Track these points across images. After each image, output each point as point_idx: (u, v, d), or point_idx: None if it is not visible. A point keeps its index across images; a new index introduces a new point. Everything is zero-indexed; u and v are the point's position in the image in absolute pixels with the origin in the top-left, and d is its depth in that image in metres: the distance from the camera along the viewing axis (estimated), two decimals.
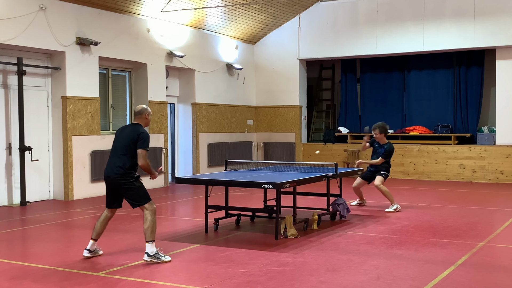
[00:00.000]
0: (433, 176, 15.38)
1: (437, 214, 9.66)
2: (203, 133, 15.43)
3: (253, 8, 15.01)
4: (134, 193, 6.46)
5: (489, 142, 15.03)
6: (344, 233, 8.03)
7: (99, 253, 6.71)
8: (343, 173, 9.06)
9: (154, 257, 6.32)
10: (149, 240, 6.35)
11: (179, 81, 15.36)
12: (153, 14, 13.46)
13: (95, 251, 6.67)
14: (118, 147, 6.58)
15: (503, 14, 14.36)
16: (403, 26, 15.51)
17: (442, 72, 16.41)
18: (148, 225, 6.36)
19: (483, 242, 7.40)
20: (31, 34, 10.80)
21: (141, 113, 6.72)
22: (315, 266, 6.20)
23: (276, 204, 7.61)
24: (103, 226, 6.67)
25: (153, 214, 6.44)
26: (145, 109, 6.74)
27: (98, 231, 6.63)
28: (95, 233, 6.62)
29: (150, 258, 6.31)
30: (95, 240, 6.63)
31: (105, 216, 6.68)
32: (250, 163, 12.10)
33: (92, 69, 12.17)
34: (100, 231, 6.65)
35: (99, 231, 6.64)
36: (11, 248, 7.51)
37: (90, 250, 6.60)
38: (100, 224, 6.64)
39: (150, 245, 6.35)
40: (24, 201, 10.90)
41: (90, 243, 6.61)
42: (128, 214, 9.77)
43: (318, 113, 18.66)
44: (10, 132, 11.09)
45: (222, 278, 5.74)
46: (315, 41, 16.69)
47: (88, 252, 6.58)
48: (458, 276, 5.82)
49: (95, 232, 6.62)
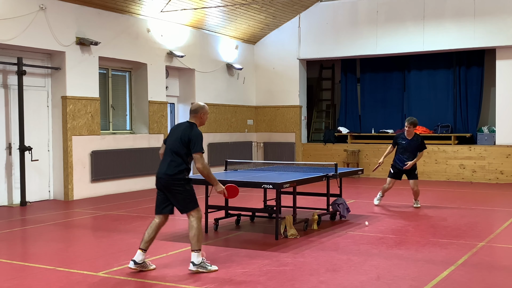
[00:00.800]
0: (433, 176, 15.38)
1: (437, 214, 9.66)
2: (203, 133, 15.37)
3: (253, 8, 15.01)
4: (183, 197, 5.94)
5: (489, 142, 15.03)
6: (344, 233, 8.02)
7: (150, 268, 6.01)
8: (343, 173, 9.06)
9: (200, 266, 5.91)
10: (195, 249, 5.92)
11: (179, 81, 15.36)
12: (153, 14, 13.46)
13: (143, 264, 5.98)
14: (168, 147, 6.07)
15: (503, 14, 14.36)
16: (403, 26, 15.51)
17: (442, 72, 16.41)
18: (194, 233, 5.91)
19: (483, 242, 7.40)
20: (31, 34, 10.80)
21: (197, 112, 6.16)
22: (315, 266, 6.20)
23: (276, 204, 7.61)
24: (154, 233, 6.03)
25: (199, 221, 5.98)
26: (201, 107, 6.18)
27: (146, 239, 6.00)
28: (143, 242, 6.00)
29: (196, 268, 5.89)
30: (145, 250, 5.98)
31: (156, 223, 6.05)
32: (250, 163, 12.10)
33: (92, 69, 12.17)
34: (148, 239, 5.99)
35: (147, 239, 6.00)
36: (11, 248, 7.51)
37: (137, 262, 5.94)
38: (152, 231, 6.01)
39: (197, 254, 5.92)
40: (24, 201, 10.90)
41: (137, 254, 5.97)
42: (128, 214, 9.77)
43: (318, 113, 18.66)
44: (10, 132, 11.09)
45: (222, 278, 5.73)
46: (315, 41, 16.69)
47: (134, 264, 5.94)
48: (458, 276, 5.82)
49: (143, 241, 6.00)
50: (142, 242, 5.99)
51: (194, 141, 5.94)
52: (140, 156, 13.12)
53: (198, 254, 5.94)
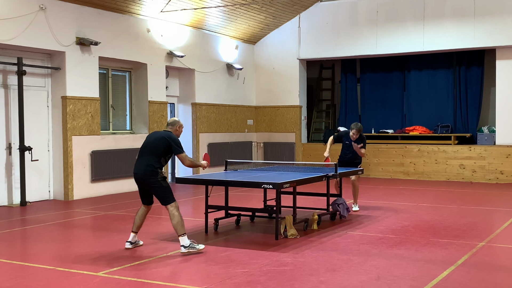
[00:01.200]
0: (433, 176, 15.38)
1: (437, 214, 9.66)
2: (203, 133, 15.44)
3: (253, 8, 15.01)
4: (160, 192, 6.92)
5: (489, 142, 15.03)
6: (344, 233, 8.02)
7: (139, 244, 7.21)
8: (343, 173, 9.06)
9: (190, 247, 6.72)
10: (181, 234, 6.76)
11: (179, 81, 15.36)
12: (153, 14, 13.46)
13: (136, 243, 7.17)
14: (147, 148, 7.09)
15: (503, 14, 14.36)
16: (403, 26, 15.51)
17: (442, 72, 16.41)
18: (176, 220, 6.79)
19: (483, 242, 7.40)
20: (31, 34, 10.80)
21: (174, 125, 7.20)
22: (315, 266, 6.20)
23: (276, 204, 7.60)
24: (141, 219, 7.16)
25: (177, 209, 6.88)
26: (177, 121, 7.26)
27: (137, 224, 7.13)
28: (135, 226, 7.13)
29: (186, 249, 6.71)
30: (136, 232, 7.14)
31: (142, 211, 7.20)
32: (250, 163, 12.10)
33: (92, 69, 12.17)
34: (139, 224, 7.14)
35: (138, 224, 7.14)
36: (11, 248, 7.51)
37: (131, 242, 7.10)
38: (139, 218, 7.14)
39: (183, 237, 6.76)
40: (24, 201, 10.90)
41: (131, 236, 7.13)
42: (128, 214, 9.77)
43: (318, 113, 18.66)
44: (10, 132, 11.09)
45: (222, 278, 5.73)
46: (315, 41, 16.69)
47: (130, 244, 7.09)
48: (458, 276, 5.82)
49: (135, 225, 7.13)
50: (134, 226, 7.14)
51: (176, 144, 6.97)
52: None
53: (185, 237, 6.76)
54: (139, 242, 7.25)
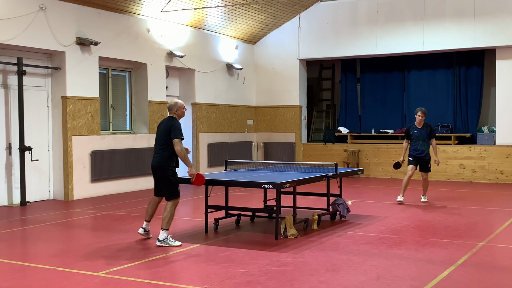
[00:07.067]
0: (433, 176, 15.34)
1: (437, 214, 9.66)
2: (203, 133, 15.44)
3: (253, 8, 15.01)
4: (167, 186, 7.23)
5: (489, 142, 15.02)
6: (344, 233, 8.03)
7: (149, 236, 7.57)
8: (343, 173, 9.06)
9: (163, 242, 7.07)
10: (163, 228, 7.12)
11: (179, 81, 15.37)
12: (153, 14, 13.46)
13: (148, 232, 7.56)
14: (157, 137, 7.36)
15: (503, 14, 14.36)
16: (403, 26, 15.51)
17: (442, 72, 16.40)
18: (165, 215, 7.14)
19: (483, 242, 7.40)
20: (31, 34, 10.80)
21: (171, 109, 7.39)
22: (315, 266, 6.20)
23: (276, 204, 7.61)
24: (153, 208, 7.56)
25: (174, 206, 7.22)
26: (174, 105, 7.38)
27: (149, 213, 7.56)
28: (147, 215, 7.55)
29: (160, 243, 7.08)
30: (148, 221, 7.56)
31: (153, 201, 7.59)
32: (250, 163, 12.10)
33: (92, 69, 12.17)
34: (151, 213, 7.55)
35: (150, 213, 7.56)
36: (11, 248, 7.51)
37: (145, 229, 7.54)
38: (151, 207, 7.56)
39: (163, 232, 7.11)
40: (24, 201, 10.90)
41: (144, 223, 7.57)
42: (128, 214, 9.78)
43: (318, 113, 18.66)
44: (10, 132, 11.09)
45: (222, 278, 5.74)
46: (315, 41, 16.69)
47: (143, 231, 7.52)
48: (458, 276, 5.82)
49: (147, 214, 7.56)
50: (146, 215, 7.57)
51: (173, 130, 7.15)
52: (140, 156, 13.11)
53: (164, 232, 7.12)
54: (149, 235, 7.56)
